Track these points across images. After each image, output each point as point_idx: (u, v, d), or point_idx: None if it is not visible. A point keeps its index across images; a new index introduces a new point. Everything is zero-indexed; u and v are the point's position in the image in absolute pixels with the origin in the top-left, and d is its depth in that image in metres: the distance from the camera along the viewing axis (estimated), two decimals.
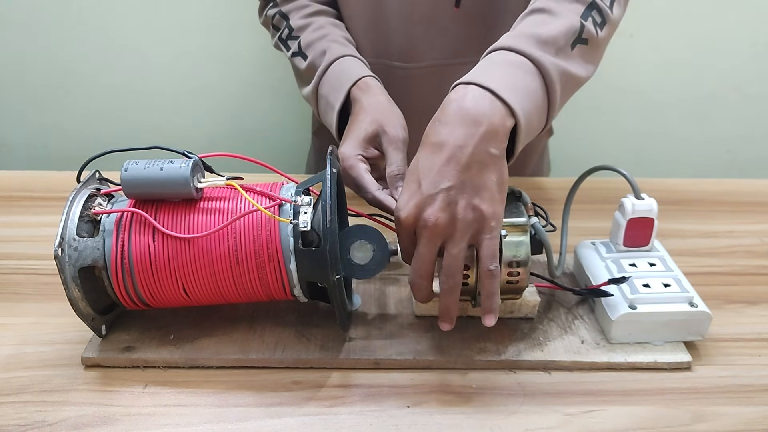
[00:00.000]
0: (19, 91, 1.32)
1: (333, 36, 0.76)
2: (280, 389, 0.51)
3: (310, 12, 0.79)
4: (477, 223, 0.50)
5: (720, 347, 0.57)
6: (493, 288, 0.51)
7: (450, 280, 0.51)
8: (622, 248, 0.61)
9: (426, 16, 0.80)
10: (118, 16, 1.24)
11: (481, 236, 0.50)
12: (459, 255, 0.50)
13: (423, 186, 0.50)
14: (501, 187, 0.51)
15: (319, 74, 0.73)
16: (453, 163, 0.50)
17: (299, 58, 0.76)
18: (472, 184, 0.50)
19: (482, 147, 0.50)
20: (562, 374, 0.53)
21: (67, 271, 0.50)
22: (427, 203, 0.50)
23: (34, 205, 0.79)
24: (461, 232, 0.50)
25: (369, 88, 0.69)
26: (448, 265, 0.50)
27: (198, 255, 0.51)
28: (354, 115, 0.67)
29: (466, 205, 0.49)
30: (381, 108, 0.66)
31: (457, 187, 0.49)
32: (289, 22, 0.79)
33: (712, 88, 1.35)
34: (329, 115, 0.71)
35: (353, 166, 0.61)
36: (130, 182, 0.50)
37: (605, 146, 1.41)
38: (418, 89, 0.85)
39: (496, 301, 0.52)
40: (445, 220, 0.49)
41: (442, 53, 0.83)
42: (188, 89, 1.32)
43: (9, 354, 0.55)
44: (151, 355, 0.53)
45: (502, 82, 0.52)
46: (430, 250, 0.50)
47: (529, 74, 0.55)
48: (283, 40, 0.79)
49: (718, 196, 0.85)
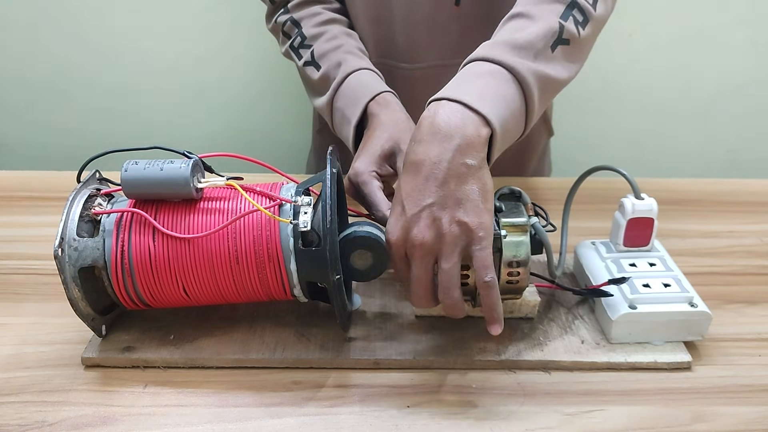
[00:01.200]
0: (19, 91, 1.32)
1: (348, 47, 0.75)
2: (280, 389, 0.51)
3: (323, 20, 0.77)
4: (465, 236, 0.50)
5: (720, 347, 0.57)
6: (492, 299, 0.51)
7: (449, 298, 0.51)
8: (622, 248, 0.61)
9: (427, 17, 0.80)
10: (119, 16, 1.24)
11: (471, 249, 0.50)
12: (452, 270, 0.50)
13: (406, 207, 0.50)
14: (485, 196, 0.50)
15: (334, 87, 0.71)
16: (431, 180, 0.50)
17: (312, 68, 0.75)
18: (454, 197, 0.50)
19: (457, 160, 0.50)
20: (562, 374, 0.53)
21: (67, 271, 0.50)
22: (413, 223, 0.50)
23: (34, 205, 0.79)
24: (450, 247, 0.49)
25: (387, 103, 0.68)
26: (443, 282, 0.50)
27: (198, 255, 0.51)
28: (371, 131, 0.66)
29: (450, 219, 0.49)
30: (399, 125, 0.65)
31: (438, 203, 0.49)
32: (302, 30, 0.77)
33: (712, 88, 1.35)
34: (345, 129, 0.70)
35: (366, 183, 0.60)
36: (130, 182, 0.50)
37: (605, 146, 1.41)
38: (420, 90, 0.85)
39: (499, 311, 0.51)
40: (431, 237, 0.49)
41: (444, 54, 0.83)
42: (188, 89, 1.33)
43: (9, 354, 0.55)
44: (151, 355, 0.53)
45: (476, 93, 0.53)
46: (425, 269, 0.50)
47: (505, 82, 0.55)
48: (295, 49, 0.77)
49: (718, 196, 0.85)
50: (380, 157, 0.62)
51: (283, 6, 0.79)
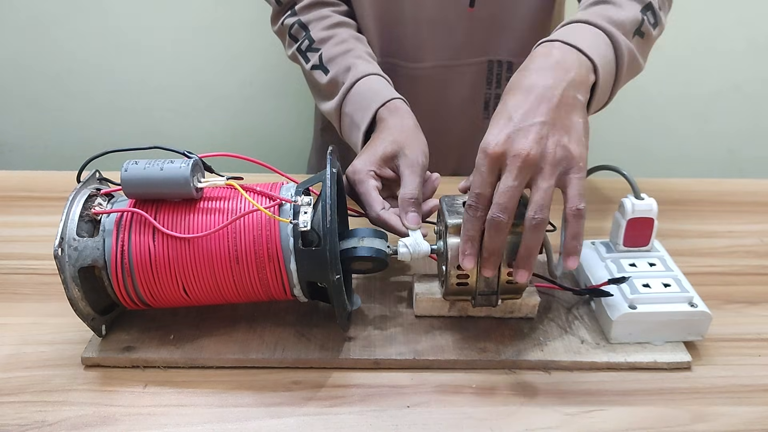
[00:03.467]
0: (19, 91, 1.32)
1: (357, 52, 0.74)
2: (280, 389, 0.51)
3: (332, 23, 0.77)
4: (566, 161, 0.50)
5: (720, 347, 0.57)
6: (578, 228, 0.50)
7: (538, 216, 0.49)
8: (622, 248, 0.61)
9: (435, 17, 0.80)
10: (119, 16, 1.25)
11: (569, 176, 0.50)
12: (549, 191, 0.49)
13: (515, 119, 0.50)
14: (587, 133, 0.52)
15: (343, 92, 0.71)
16: (545, 102, 0.51)
17: (320, 72, 0.74)
18: (562, 123, 0.51)
19: (571, 91, 0.52)
20: (562, 374, 0.53)
21: (67, 271, 0.50)
22: (520, 135, 0.50)
23: (34, 205, 0.79)
24: (551, 167, 0.49)
25: (397, 110, 0.67)
26: (537, 201, 0.49)
27: (198, 255, 0.51)
28: (377, 133, 0.65)
29: (557, 142, 0.50)
30: (406, 131, 0.64)
31: (549, 123, 0.50)
32: (310, 33, 0.76)
33: (713, 88, 1.36)
34: (354, 135, 0.69)
35: (362, 181, 0.59)
36: (130, 182, 0.50)
37: (605, 146, 1.41)
38: (423, 89, 0.85)
39: (581, 242, 0.50)
40: (537, 152, 0.49)
41: (449, 54, 0.83)
42: (188, 89, 1.33)
43: (9, 354, 0.55)
44: (151, 355, 0.53)
45: (585, 43, 0.56)
46: (520, 182, 0.49)
47: (606, 45, 0.58)
48: (302, 52, 0.76)
49: (718, 196, 0.85)
50: (381, 158, 0.61)
51: (290, 8, 0.78)
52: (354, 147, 0.70)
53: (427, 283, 0.59)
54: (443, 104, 0.87)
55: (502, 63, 0.85)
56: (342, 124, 0.72)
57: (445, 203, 0.56)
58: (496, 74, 0.86)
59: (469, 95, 0.87)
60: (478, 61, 0.85)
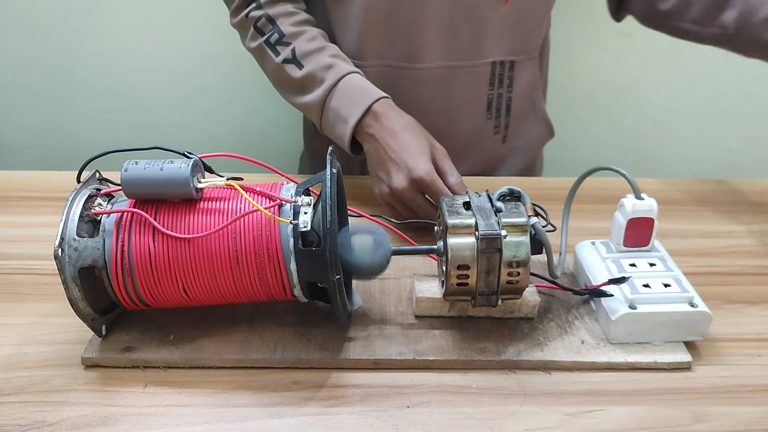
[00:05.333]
0: (19, 91, 1.32)
1: (332, 50, 0.78)
2: (280, 389, 0.51)
3: (300, 20, 0.80)
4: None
5: (720, 347, 0.57)
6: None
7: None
8: (622, 248, 0.61)
9: (438, 19, 0.80)
10: (118, 16, 1.24)
11: None
12: None
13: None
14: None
15: (327, 87, 0.74)
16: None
17: (292, 66, 0.77)
18: None
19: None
20: (562, 374, 0.53)
21: (67, 271, 0.50)
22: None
23: (34, 205, 0.79)
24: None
25: (392, 106, 0.73)
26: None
27: (198, 255, 0.51)
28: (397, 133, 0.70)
29: None
30: (418, 126, 0.72)
31: None
32: (278, 27, 0.79)
33: (712, 88, 1.35)
34: (340, 128, 0.73)
35: (436, 180, 0.67)
36: (130, 182, 0.50)
37: (605, 146, 1.41)
38: (423, 90, 0.85)
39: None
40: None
41: (450, 56, 0.83)
42: (188, 89, 1.32)
43: (9, 354, 0.55)
44: (151, 355, 0.53)
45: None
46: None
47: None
48: (272, 45, 0.79)
49: (718, 196, 0.85)
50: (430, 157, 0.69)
51: (254, 1, 0.81)
52: (338, 140, 0.74)
53: (427, 283, 0.59)
54: (446, 105, 0.87)
55: (504, 63, 0.86)
56: (324, 117, 0.76)
57: (445, 203, 0.56)
58: (499, 75, 0.86)
59: (472, 96, 0.87)
60: (478, 64, 0.85)
